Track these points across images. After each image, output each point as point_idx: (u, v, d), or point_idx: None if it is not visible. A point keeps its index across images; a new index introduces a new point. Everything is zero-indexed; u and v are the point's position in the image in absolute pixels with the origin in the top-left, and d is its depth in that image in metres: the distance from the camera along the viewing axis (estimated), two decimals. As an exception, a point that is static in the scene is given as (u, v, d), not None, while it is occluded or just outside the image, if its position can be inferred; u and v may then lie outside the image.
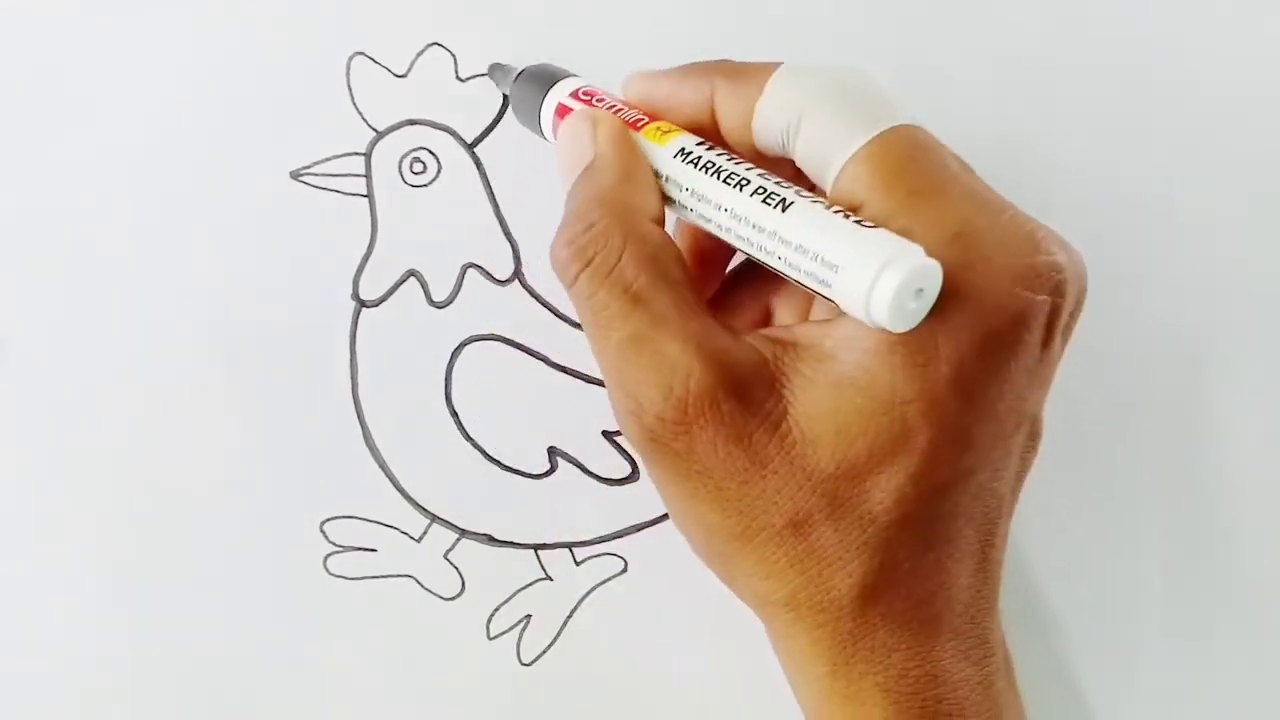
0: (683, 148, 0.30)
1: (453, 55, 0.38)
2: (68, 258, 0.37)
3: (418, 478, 0.38)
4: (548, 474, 0.38)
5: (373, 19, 0.38)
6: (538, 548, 0.38)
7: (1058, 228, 0.28)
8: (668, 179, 0.30)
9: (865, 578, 0.28)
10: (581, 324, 0.30)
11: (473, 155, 0.38)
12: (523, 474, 0.38)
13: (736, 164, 0.29)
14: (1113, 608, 0.39)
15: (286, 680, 0.37)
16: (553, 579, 0.38)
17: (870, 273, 0.26)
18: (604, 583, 0.38)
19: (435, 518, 0.38)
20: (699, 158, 0.30)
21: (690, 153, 0.30)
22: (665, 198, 0.31)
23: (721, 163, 0.30)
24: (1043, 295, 0.27)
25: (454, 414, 0.38)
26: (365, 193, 0.38)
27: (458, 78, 0.38)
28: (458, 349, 0.38)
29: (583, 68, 0.35)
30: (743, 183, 0.29)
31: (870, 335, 0.27)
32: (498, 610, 0.38)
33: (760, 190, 0.28)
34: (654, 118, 0.32)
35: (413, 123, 0.38)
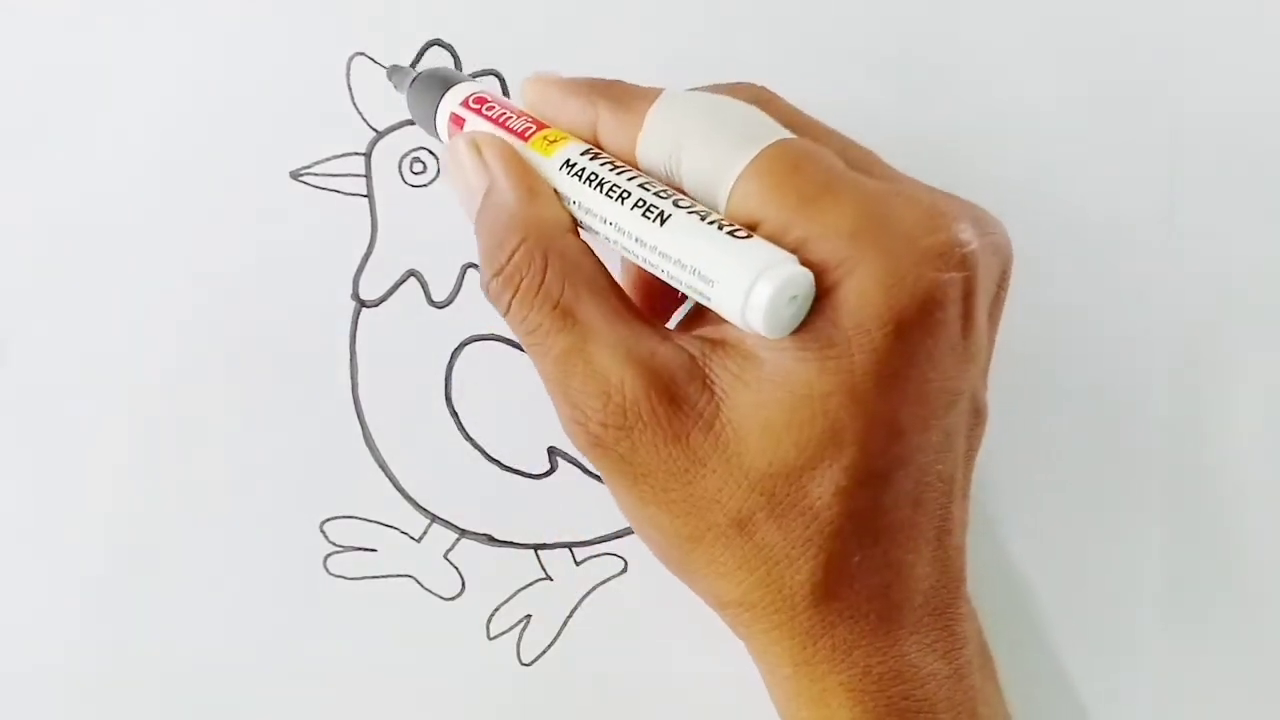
0: (567, 159, 0.30)
1: (453, 55, 0.38)
2: (68, 258, 0.37)
3: (418, 478, 0.38)
4: (548, 474, 0.38)
5: (373, 19, 0.38)
6: (538, 548, 0.38)
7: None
8: (556, 191, 0.30)
9: (815, 574, 0.28)
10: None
11: (473, 155, 0.38)
12: (523, 474, 0.38)
13: (619, 174, 0.29)
14: (1108, 605, 0.38)
15: (286, 680, 0.37)
16: (553, 579, 0.38)
17: (744, 285, 0.26)
18: (604, 583, 0.38)
19: (435, 518, 0.38)
20: (583, 169, 0.30)
21: (574, 164, 0.30)
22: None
23: (604, 174, 0.29)
24: (950, 273, 0.27)
25: (454, 414, 0.38)
26: (365, 193, 0.38)
27: (458, 77, 0.38)
28: (458, 349, 0.38)
29: (582, 66, 0.35)
30: (624, 195, 0.29)
31: None
32: (498, 610, 0.38)
33: (640, 203, 0.29)
34: (541, 126, 0.31)
35: (413, 123, 0.38)
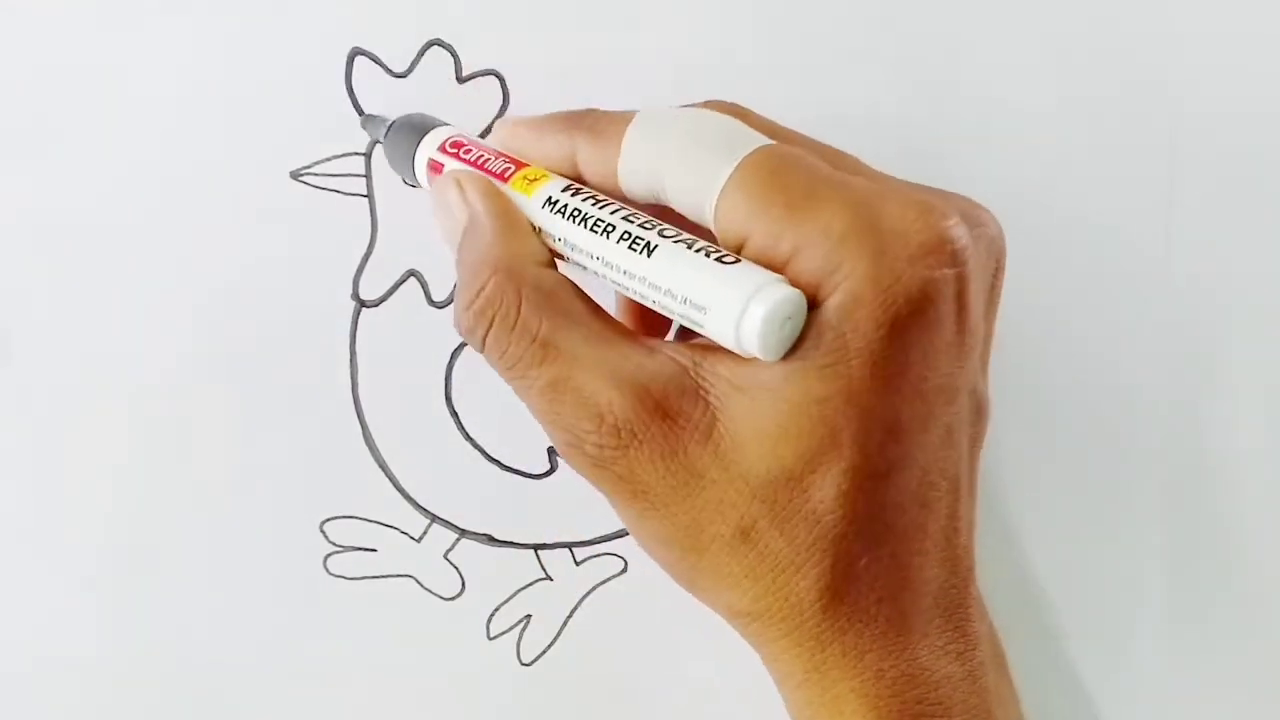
0: (549, 197, 0.30)
1: (453, 55, 0.38)
2: (68, 257, 0.37)
3: (418, 478, 0.38)
4: (548, 474, 0.38)
5: (373, 18, 0.38)
6: (538, 548, 0.38)
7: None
8: (539, 230, 0.30)
9: (822, 579, 0.28)
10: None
11: (473, 155, 0.38)
12: (523, 474, 0.38)
13: (602, 208, 0.29)
14: (1108, 605, 0.39)
15: (286, 680, 0.37)
16: (553, 579, 0.38)
17: (735, 312, 0.27)
18: (604, 583, 0.38)
19: (435, 518, 0.38)
20: (565, 205, 0.30)
21: (557, 201, 0.30)
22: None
23: (587, 209, 0.30)
24: (943, 269, 0.27)
25: (454, 414, 0.38)
26: (365, 193, 0.38)
27: (458, 78, 0.38)
28: (458, 349, 0.38)
29: (582, 67, 0.35)
30: (609, 229, 0.29)
31: None
32: (498, 610, 0.38)
33: (625, 236, 0.29)
34: (520, 165, 0.31)
35: (413, 123, 0.38)
